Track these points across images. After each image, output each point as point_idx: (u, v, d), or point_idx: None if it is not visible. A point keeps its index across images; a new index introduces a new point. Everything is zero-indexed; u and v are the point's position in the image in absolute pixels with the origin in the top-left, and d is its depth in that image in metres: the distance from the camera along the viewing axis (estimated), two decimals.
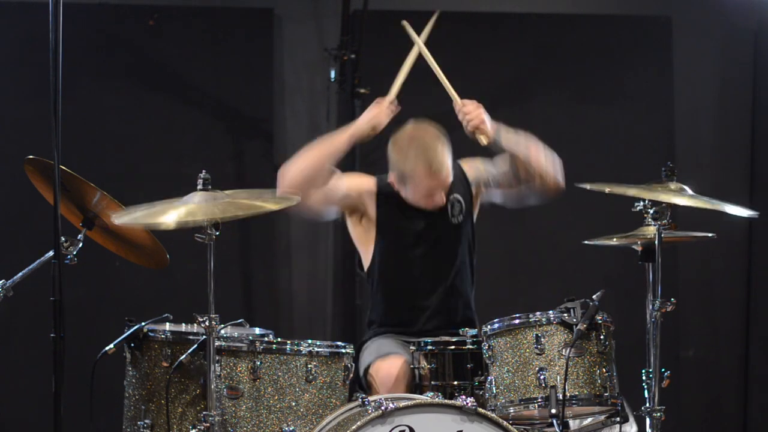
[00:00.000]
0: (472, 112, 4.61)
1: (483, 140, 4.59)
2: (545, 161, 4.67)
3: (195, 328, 4.17)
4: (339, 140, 4.62)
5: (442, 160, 4.53)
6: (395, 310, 4.65)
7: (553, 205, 6.64)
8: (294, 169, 4.54)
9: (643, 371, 4.01)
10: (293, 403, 3.95)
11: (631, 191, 4.02)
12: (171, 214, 3.84)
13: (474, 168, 4.79)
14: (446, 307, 4.63)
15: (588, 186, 4.08)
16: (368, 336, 4.68)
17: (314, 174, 4.54)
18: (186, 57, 6.59)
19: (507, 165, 4.68)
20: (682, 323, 6.74)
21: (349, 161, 6.59)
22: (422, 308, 4.62)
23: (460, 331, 4.34)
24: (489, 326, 4.10)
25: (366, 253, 4.72)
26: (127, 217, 3.94)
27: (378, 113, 4.69)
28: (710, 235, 4.54)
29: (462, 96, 4.75)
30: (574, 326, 3.96)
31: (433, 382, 4.24)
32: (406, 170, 4.54)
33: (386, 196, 4.65)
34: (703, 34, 7.01)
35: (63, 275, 3.51)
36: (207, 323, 3.81)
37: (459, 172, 4.75)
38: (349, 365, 4.05)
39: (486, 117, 4.61)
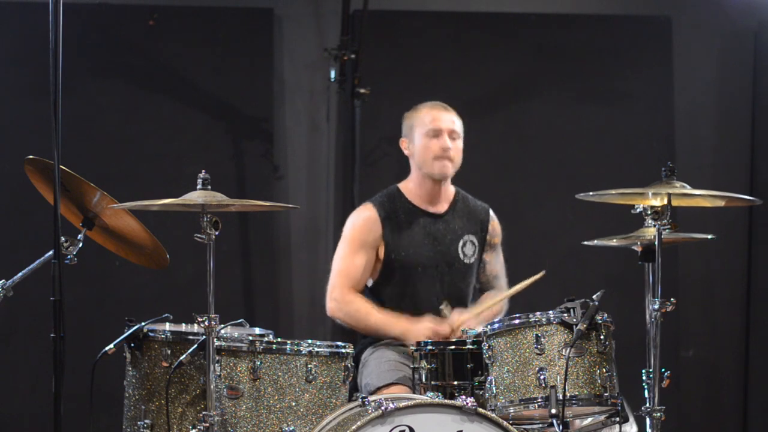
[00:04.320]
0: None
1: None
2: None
3: (195, 328, 4.17)
4: (383, 331, 4.72)
5: (451, 109, 4.84)
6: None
7: (554, 205, 6.68)
8: (341, 317, 4.80)
9: (643, 371, 4.01)
10: (293, 403, 3.95)
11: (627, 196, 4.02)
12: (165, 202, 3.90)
13: (496, 234, 4.97)
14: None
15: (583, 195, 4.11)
16: (365, 343, 4.76)
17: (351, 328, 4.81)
18: (186, 57, 6.59)
19: (484, 278, 4.96)
20: (682, 323, 6.74)
21: (349, 161, 6.62)
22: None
23: (462, 331, 4.35)
24: (489, 326, 4.10)
25: (374, 271, 4.81)
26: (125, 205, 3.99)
27: (434, 338, 4.62)
28: (710, 236, 4.53)
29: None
30: (574, 326, 3.96)
31: (433, 382, 4.24)
32: (413, 116, 4.85)
33: (390, 220, 4.78)
34: (703, 34, 7.01)
35: (63, 275, 3.51)
36: (207, 323, 3.81)
37: (485, 216, 4.92)
38: (349, 365, 4.05)
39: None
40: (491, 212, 4.94)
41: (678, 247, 6.49)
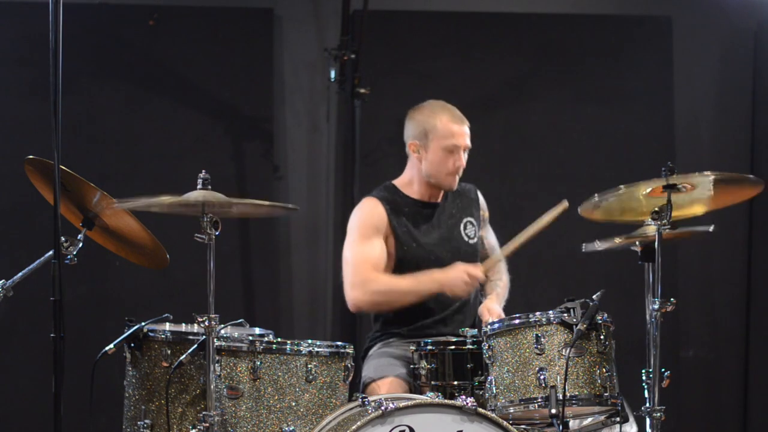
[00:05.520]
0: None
1: None
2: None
3: (195, 328, 4.17)
4: (419, 292, 4.59)
5: (465, 120, 4.73)
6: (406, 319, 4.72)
7: (554, 205, 6.66)
8: (368, 301, 4.59)
9: (643, 371, 4.01)
10: (293, 403, 3.95)
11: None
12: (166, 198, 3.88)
13: (485, 208, 4.98)
14: (457, 316, 4.75)
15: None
16: (374, 337, 4.75)
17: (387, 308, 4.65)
18: (186, 57, 6.59)
19: (484, 252, 4.93)
20: (682, 323, 6.74)
21: (349, 161, 6.62)
22: (434, 319, 4.71)
23: (460, 331, 4.35)
24: (489, 326, 4.10)
25: (386, 269, 4.77)
26: (127, 204, 3.98)
27: (472, 281, 4.60)
28: (710, 228, 4.52)
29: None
30: (574, 326, 3.96)
31: (433, 382, 4.24)
32: (429, 122, 4.72)
33: (396, 213, 4.74)
34: (703, 34, 7.01)
35: (63, 275, 3.51)
36: (207, 323, 3.81)
37: (474, 195, 4.94)
38: (349, 365, 4.05)
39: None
40: (477, 190, 4.95)
41: (678, 246, 6.49)
